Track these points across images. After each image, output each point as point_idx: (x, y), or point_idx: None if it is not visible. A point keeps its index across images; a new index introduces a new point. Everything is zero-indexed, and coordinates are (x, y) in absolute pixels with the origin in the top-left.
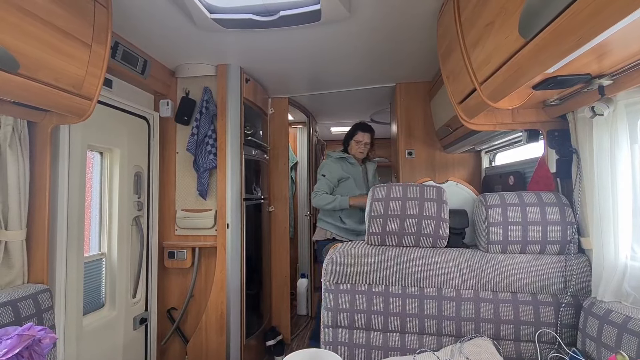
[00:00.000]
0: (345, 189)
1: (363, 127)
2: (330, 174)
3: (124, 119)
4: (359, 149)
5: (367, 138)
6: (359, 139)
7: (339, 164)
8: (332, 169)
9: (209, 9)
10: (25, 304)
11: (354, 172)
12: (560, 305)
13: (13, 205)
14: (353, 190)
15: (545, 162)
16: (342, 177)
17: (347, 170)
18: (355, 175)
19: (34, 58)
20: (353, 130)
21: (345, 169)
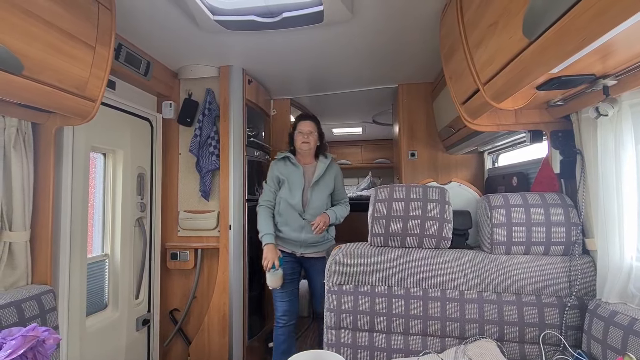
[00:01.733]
0: (282, 197)
1: (303, 116)
2: (270, 179)
3: (127, 120)
4: (303, 139)
5: (310, 126)
6: (301, 129)
7: (277, 165)
8: (272, 171)
9: (212, 10)
10: (29, 304)
11: (290, 174)
12: (564, 307)
13: (17, 207)
14: (287, 198)
15: (549, 163)
16: (278, 181)
17: (283, 171)
18: (291, 178)
19: (38, 59)
20: (295, 123)
21: (283, 170)
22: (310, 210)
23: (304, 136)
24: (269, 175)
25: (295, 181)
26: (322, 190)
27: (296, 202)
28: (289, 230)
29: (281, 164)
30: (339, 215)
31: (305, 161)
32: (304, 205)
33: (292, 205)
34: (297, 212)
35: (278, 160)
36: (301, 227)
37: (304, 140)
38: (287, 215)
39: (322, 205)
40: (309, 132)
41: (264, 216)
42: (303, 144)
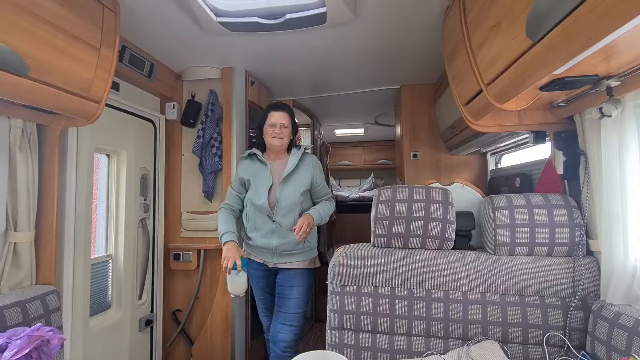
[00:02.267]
0: (248, 199)
1: (276, 106)
2: (234, 181)
3: (130, 121)
4: (274, 133)
5: (284, 118)
6: (273, 121)
7: (242, 165)
8: (236, 172)
9: (216, 12)
10: (33, 305)
11: (257, 172)
12: (568, 308)
13: (22, 207)
14: (253, 199)
15: (553, 164)
16: (243, 182)
17: (249, 170)
18: (257, 177)
19: (44, 61)
20: (265, 113)
21: (248, 169)
22: (280, 211)
23: (276, 130)
24: (233, 177)
25: (262, 179)
26: (293, 187)
27: (262, 202)
28: (258, 236)
29: (248, 163)
30: (324, 214)
31: (275, 157)
32: (271, 206)
33: (259, 207)
34: (266, 214)
35: (244, 159)
36: (272, 231)
37: (276, 134)
38: (255, 218)
39: (294, 203)
40: (282, 126)
41: (222, 216)
42: (274, 139)
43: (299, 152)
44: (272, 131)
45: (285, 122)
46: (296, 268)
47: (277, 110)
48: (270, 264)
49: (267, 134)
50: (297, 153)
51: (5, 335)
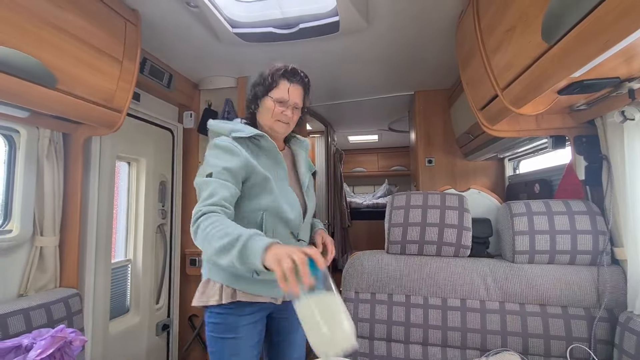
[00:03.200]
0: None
1: (293, 73)
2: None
3: (150, 130)
4: (283, 117)
5: (300, 96)
6: (282, 97)
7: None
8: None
9: (232, 24)
10: (57, 307)
11: (275, 162)
12: (593, 320)
13: (48, 213)
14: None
15: (573, 169)
16: (250, 174)
17: (261, 159)
18: (276, 174)
19: (70, 74)
20: (272, 80)
21: (257, 156)
22: (305, 225)
23: (287, 112)
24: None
25: (284, 179)
26: (311, 191)
27: (296, 215)
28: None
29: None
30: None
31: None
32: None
33: (288, 222)
34: (290, 231)
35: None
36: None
37: (284, 118)
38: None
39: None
40: (295, 107)
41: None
42: (279, 123)
43: (305, 147)
44: (280, 112)
45: (299, 102)
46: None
47: (292, 81)
48: (280, 299)
49: (267, 112)
50: (304, 147)
51: (31, 336)
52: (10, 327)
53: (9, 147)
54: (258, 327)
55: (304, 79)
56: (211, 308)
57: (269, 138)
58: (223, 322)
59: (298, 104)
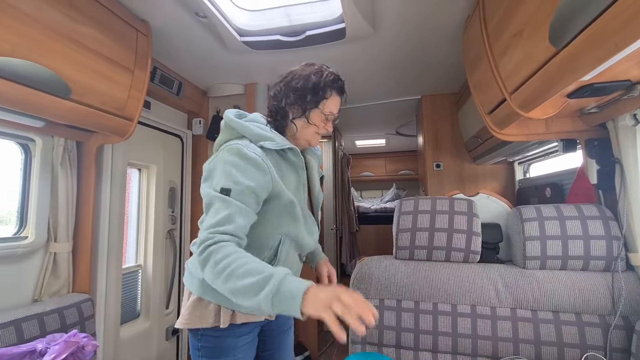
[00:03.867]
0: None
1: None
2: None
3: (160, 137)
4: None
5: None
6: (333, 111)
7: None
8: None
9: (239, 32)
10: (70, 312)
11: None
12: (608, 327)
13: (62, 219)
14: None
15: (585, 173)
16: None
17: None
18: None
19: (84, 84)
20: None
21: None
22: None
23: (329, 126)
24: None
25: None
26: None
27: (314, 239)
28: None
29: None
30: None
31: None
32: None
33: (304, 247)
34: (298, 254)
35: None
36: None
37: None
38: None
39: None
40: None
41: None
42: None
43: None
44: (324, 126)
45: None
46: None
47: (341, 94)
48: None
49: (309, 126)
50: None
51: (45, 341)
52: (25, 332)
53: (25, 155)
54: (254, 345)
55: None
56: (203, 330)
57: (298, 153)
58: (219, 345)
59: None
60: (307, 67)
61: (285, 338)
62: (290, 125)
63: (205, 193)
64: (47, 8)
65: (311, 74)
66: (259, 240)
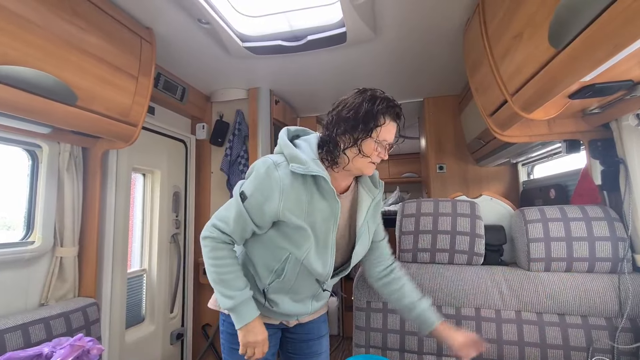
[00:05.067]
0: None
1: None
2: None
3: (164, 142)
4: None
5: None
6: (387, 138)
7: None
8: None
9: (242, 38)
10: (76, 316)
11: (325, 211)
12: (615, 330)
13: (68, 224)
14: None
15: (589, 174)
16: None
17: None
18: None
19: (90, 91)
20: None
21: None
22: (335, 279)
23: (382, 154)
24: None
25: (330, 228)
26: (364, 244)
27: (327, 270)
28: (288, 301)
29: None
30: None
31: (341, 187)
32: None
33: (315, 273)
34: (315, 279)
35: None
36: (313, 296)
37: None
38: (296, 282)
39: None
40: (390, 147)
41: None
42: (372, 165)
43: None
44: (377, 154)
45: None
46: (321, 314)
47: (395, 119)
48: (293, 322)
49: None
50: (373, 189)
51: (51, 345)
52: (32, 336)
53: (31, 161)
54: (271, 341)
55: (400, 112)
56: (224, 316)
57: (328, 181)
58: (235, 332)
59: (392, 143)
60: (359, 95)
61: (314, 345)
62: (342, 156)
63: (235, 188)
64: (53, 17)
65: (363, 101)
66: (271, 246)
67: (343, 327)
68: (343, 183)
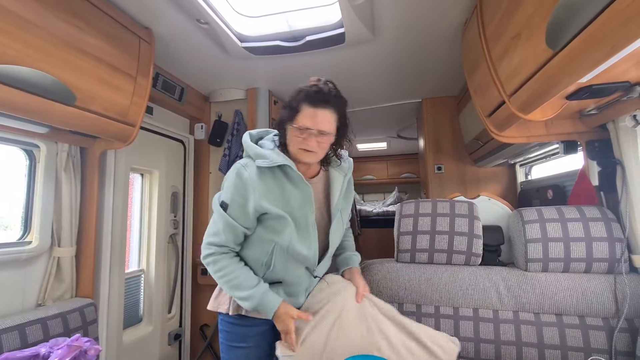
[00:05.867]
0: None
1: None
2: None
3: (162, 142)
4: (305, 144)
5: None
6: (303, 125)
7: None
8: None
9: (240, 38)
10: (73, 316)
11: (294, 199)
12: (612, 330)
13: (65, 224)
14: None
15: (586, 175)
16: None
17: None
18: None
19: (88, 91)
20: (295, 104)
21: (275, 192)
22: (325, 261)
23: (311, 142)
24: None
25: (307, 212)
26: (340, 223)
27: (312, 252)
28: (283, 295)
29: (269, 181)
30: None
31: (307, 172)
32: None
33: (302, 258)
34: (305, 267)
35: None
36: (305, 289)
37: (307, 146)
38: (286, 272)
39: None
40: (320, 134)
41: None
42: (302, 152)
43: (348, 166)
44: (301, 140)
45: (327, 128)
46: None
47: (318, 105)
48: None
49: (290, 140)
50: (343, 169)
51: (49, 345)
52: (29, 336)
53: (29, 161)
54: (268, 338)
55: (332, 99)
56: (222, 315)
57: (293, 168)
58: (232, 331)
59: (325, 130)
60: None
61: None
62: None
63: (214, 202)
64: (52, 17)
65: (293, 93)
66: (258, 241)
67: None
68: (306, 169)
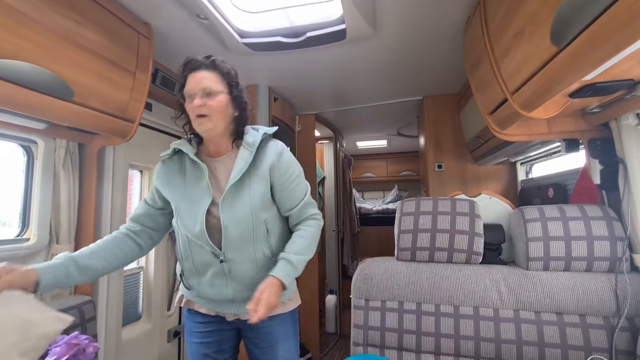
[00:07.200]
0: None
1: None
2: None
3: (161, 139)
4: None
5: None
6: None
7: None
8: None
9: (240, 34)
10: (71, 313)
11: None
12: (613, 329)
13: (64, 221)
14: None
15: (588, 173)
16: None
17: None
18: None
19: (86, 86)
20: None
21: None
22: (231, 244)
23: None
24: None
25: (195, 192)
26: (247, 200)
27: (198, 230)
28: (203, 284)
29: (171, 166)
30: (302, 260)
31: (218, 152)
32: (215, 236)
33: (195, 239)
34: (209, 250)
35: (164, 161)
36: (221, 274)
37: (197, 111)
38: (193, 257)
39: (251, 228)
40: (206, 93)
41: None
42: (197, 120)
43: (255, 140)
44: (192, 107)
45: (210, 85)
46: (275, 316)
47: (193, 70)
48: (231, 317)
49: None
50: (252, 142)
51: None
52: None
53: (27, 157)
54: (214, 338)
55: (208, 61)
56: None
57: (185, 152)
58: (185, 324)
59: (208, 87)
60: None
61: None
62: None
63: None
64: (50, 11)
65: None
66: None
67: (340, 325)
68: (215, 147)
